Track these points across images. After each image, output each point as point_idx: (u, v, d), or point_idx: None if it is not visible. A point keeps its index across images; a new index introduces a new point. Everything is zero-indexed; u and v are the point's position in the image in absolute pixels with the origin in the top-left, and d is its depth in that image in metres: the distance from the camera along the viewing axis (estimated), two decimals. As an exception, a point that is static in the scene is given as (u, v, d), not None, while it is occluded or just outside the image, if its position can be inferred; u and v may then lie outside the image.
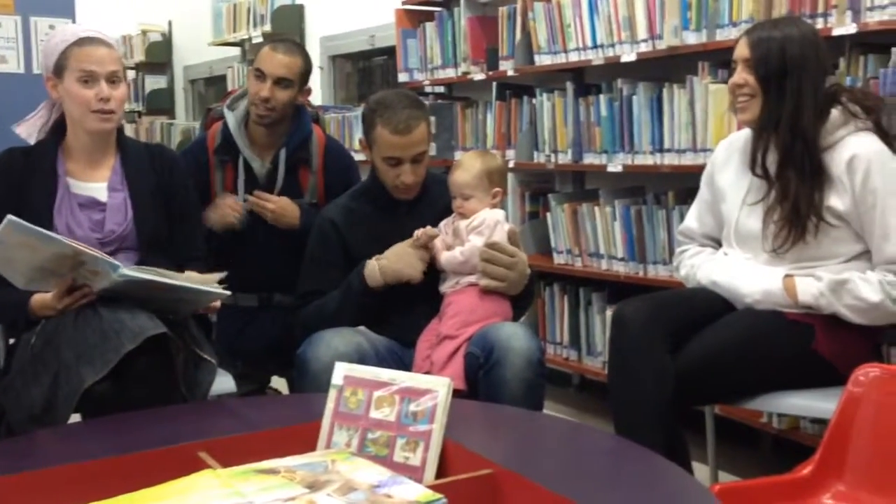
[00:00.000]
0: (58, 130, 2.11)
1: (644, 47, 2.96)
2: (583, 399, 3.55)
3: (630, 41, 3.01)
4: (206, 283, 1.89)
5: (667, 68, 2.99)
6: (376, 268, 2.14)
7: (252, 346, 2.52)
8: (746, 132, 2.09)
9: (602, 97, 3.13)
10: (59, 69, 2.02)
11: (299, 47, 2.55)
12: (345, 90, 5.61)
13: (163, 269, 1.83)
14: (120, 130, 2.16)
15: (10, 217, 1.70)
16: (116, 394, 1.72)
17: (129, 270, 1.78)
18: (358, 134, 4.57)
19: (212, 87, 7.13)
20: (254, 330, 2.53)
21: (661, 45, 2.88)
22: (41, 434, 1.67)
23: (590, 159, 3.21)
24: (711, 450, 2.29)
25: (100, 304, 1.79)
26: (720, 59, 2.72)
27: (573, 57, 3.25)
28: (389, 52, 4.96)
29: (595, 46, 3.15)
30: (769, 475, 1.64)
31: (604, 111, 3.13)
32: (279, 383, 2.82)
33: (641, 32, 2.97)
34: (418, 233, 2.18)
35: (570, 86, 3.26)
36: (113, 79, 2.02)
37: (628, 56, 3.00)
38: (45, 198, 2.02)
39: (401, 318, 2.20)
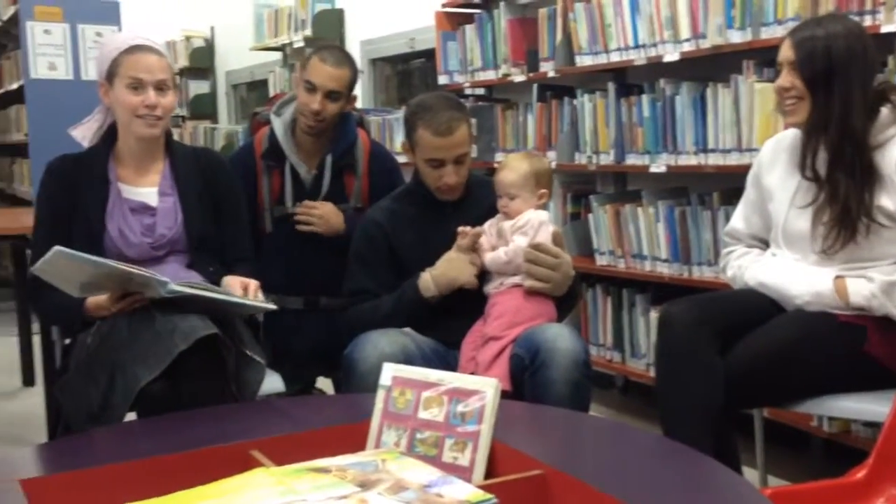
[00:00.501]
0: (109, 136, 2.15)
1: (687, 46, 2.94)
2: (626, 401, 3.53)
3: (673, 40, 2.99)
4: (248, 292, 1.93)
5: (710, 67, 2.96)
6: (430, 280, 2.16)
7: (298, 347, 2.54)
8: (793, 131, 2.06)
9: (644, 97, 3.11)
10: (110, 76, 2.07)
11: (347, 57, 2.54)
12: (385, 93, 5.64)
13: (209, 285, 1.87)
14: (169, 135, 2.20)
15: (56, 248, 1.74)
16: (170, 393, 1.75)
17: (177, 286, 1.82)
18: (398, 136, 4.61)
19: (253, 91, 7.21)
20: (300, 332, 2.55)
21: (705, 44, 2.86)
22: (98, 432, 1.70)
23: (632, 160, 3.19)
24: (760, 453, 2.26)
25: (153, 305, 1.83)
26: (765, 57, 2.69)
27: (615, 57, 3.23)
28: (428, 54, 4.98)
29: (637, 46, 3.14)
30: (819, 479, 1.62)
31: (646, 111, 3.11)
32: (324, 384, 2.85)
33: (684, 32, 2.94)
34: (463, 230, 2.18)
35: (611, 86, 3.25)
36: (161, 87, 2.05)
37: (671, 56, 2.98)
38: (98, 203, 2.06)
39: (445, 320, 2.21)
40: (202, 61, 7.47)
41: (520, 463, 1.32)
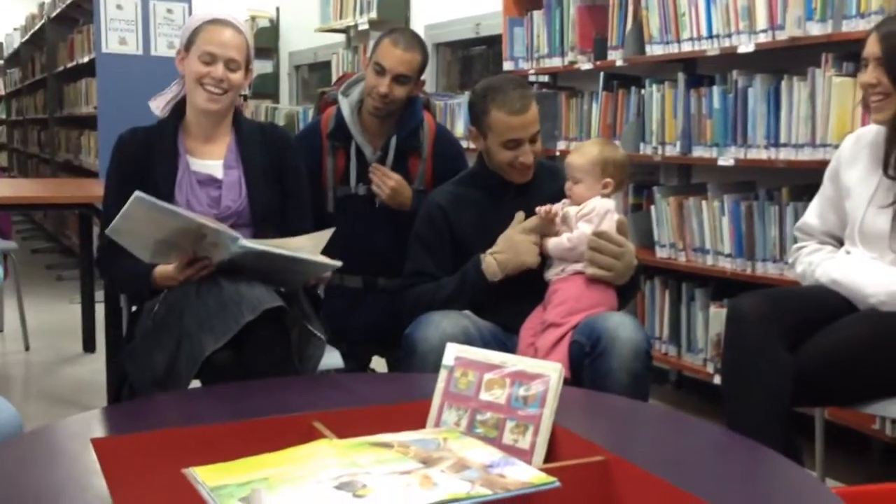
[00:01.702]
0: (178, 109, 2.18)
1: (763, 38, 2.87)
2: (680, 396, 3.49)
3: (748, 31, 2.92)
4: (318, 245, 1.93)
5: (786, 60, 2.89)
6: (494, 263, 2.15)
7: (356, 326, 2.56)
8: (875, 127, 2.00)
9: (715, 89, 3.05)
10: (188, 45, 2.10)
11: (419, 41, 2.53)
12: (446, 78, 5.64)
13: (277, 240, 1.88)
14: (237, 111, 2.22)
15: (137, 193, 1.77)
16: (234, 362, 1.78)
17: (248, 242, 1.83)
18: (460, 122, 4.60)
19: (316, 72, 7.26)
20: (359, 311, 2.57)
21: (782, 35, 2.78)
22: (164, 397, 1.74)
23: (699, 152, 3.13)
24: (820, 454, 2.21)
25: (220, 275, 1.85)
26: (845, 51, 2.62)
27: (686, 47, 3.17)
28: (492, 40, 4.95)
29: (710, 36, 3.07)
30: (878, 482, 1.58)
31: (716, 103, 3.05)
32: (378, 364, 2.87)
33: (761, 22, 2.87)
34: (542, 210, 2.16)
35: (681, 76, 3.19)
36: (231, 66, 2.07)
37: (746, 47, 2.91)
38: (168, 175, 2.09)
39: (505, 304, 2.20)
40: (266, 41, 7.55)
41: (581, 449, 1.31)
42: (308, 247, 1.92)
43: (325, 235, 1.96)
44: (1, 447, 1.47)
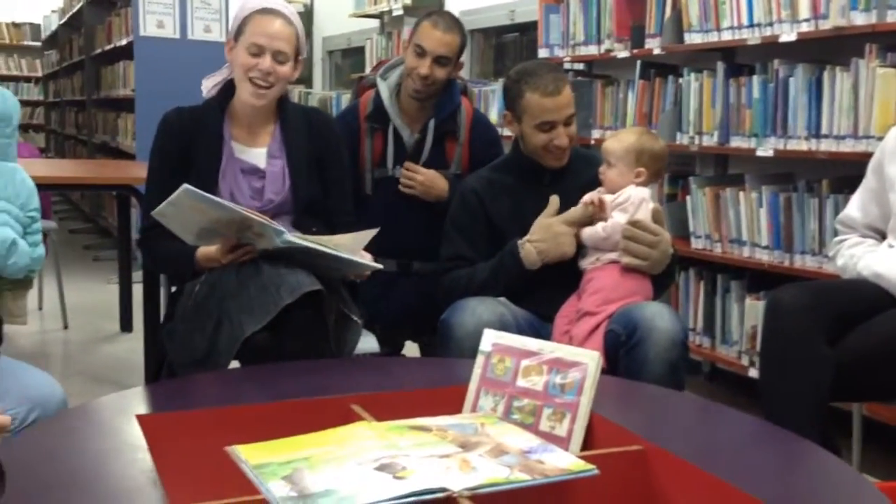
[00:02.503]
0: (225, 92, 2.15)
1: (806, 27, 2.83)
2: (713, 388, 3.47)
3: (790, 20, 2.88)
4: (359, 244, 1.94)
5: (829, 50, 2.85)
6: (534, 252, 2.15)
7: (390, 310, 2.57)
8: (921, 118, 1.97)
9: (755, 78, 3.02)
10: (237, 34, 2.08)
11: (458, 23, 2.54)
12: (480, 65, 5.62)
13: (321, 237, 1.89)
14: (283, 96, 2.17)
15: (185, 186, 1.77)
16: (272, 344, 1.80)
17: (292, 237, 1.84)
18: (494, 108, 4.59)
19: (349, 58, 7.28)
20: (393, 295, 2.58)
21: (826, 24, 2.74)
22: (205, 376, 1.76)
23: (737, 142, 3.10)
24: (857, 450, 2.20)
25: (261, 258, 1.87)
26: (890, 41, 2.57)
27: (726, 36, 3.14)
28: (525, 27, 4.93)
29: (751, 25, 3.04)
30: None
31: (756, 93, 3.01)
32: (411, 348, 2.88)
33: (804, 11, 2.83)
34: (588, 197, 2.15)
35: (720, 66, 3.16)
36: (279, 58, 2.04)
37: (788, 36, 2.87)
38: (212, 162, 2.07)
39: (539, 292, 2.20)
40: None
41: (618, 437, 1.31)
42: (349, 245, 1.93)
43: (367, 235, 1.96)
44: (47, 422, 1.51)
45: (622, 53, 3.67)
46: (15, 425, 1.66)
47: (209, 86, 2.17)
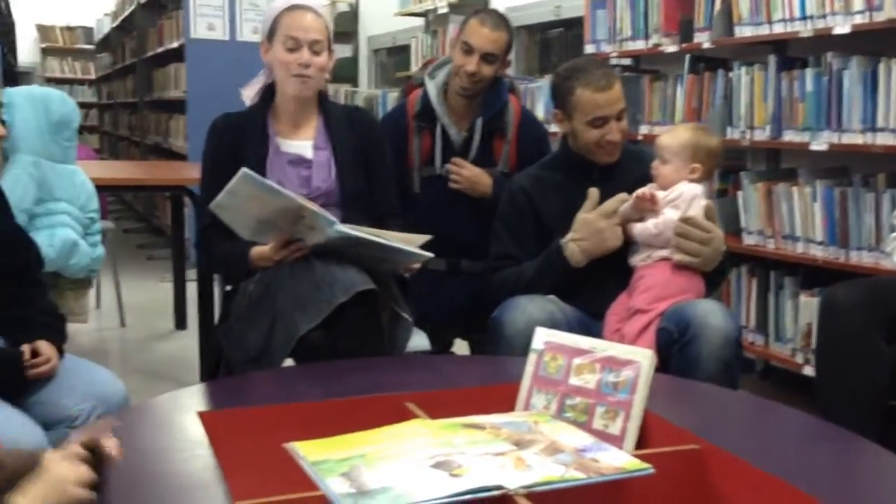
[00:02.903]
0: (267, 94, 2.23)
1: (860, 19, 2.77)
2: (766, 386, 3.42)
3: (844, 12, 2.83)
4: (411, 244, 1.96)
5: (885, 42, 2.79)
6: (577, 250, 2.14)
7: (440, 308, 2.59)
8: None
9: (808, 71, 2.97)
10: (270, 35, 2.14)
11: (505, 20, 2.55)
12: (525, 61, 5.61)
13: (373, 229, 1.91)
14: (324, 95, 2.26)
15: (244, 170, 1.82)
16: (326, 342, 1.82)
17: (344, 227, 1.87)
18: (539, 105, 4.58)
19: (394, 56, 7.31)
20: (442, 293, 2.60)
21: (880, 16, 2.69)
22: (261, 374, 1.80)
23: (790, 137, 3.05)
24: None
25: (314, 257, 1.90)
26: (949, 32, 2.51)
27: (778, 28, 3.09)
28: (570, 23, 4.90)
29: (803, 17, 2.98)
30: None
31: (809, 86, 2.96)
32: (460, 346, 2.89)
33: (857, 3, 2.78)
34: (641, 193, 2.14)
35: (772, 59, 3.11)
36: (315, 48, 2.10)
37: (842, 28, 2.82)
38: (258, 157, 2.14)
39: (590, 289, 2.19)
40: (346, 26, 7.62)
41: (673, 436, 1.31)
42: (400, 239, 1.95)
43: (419, 239, 1.99)
44: (113, 418, 1.55)
45: (670, 48, 3.63)
46: (79, 422, 1.72)
47: (250, 94, 2.24)
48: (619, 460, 1.17)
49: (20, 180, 2.58)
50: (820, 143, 2.91)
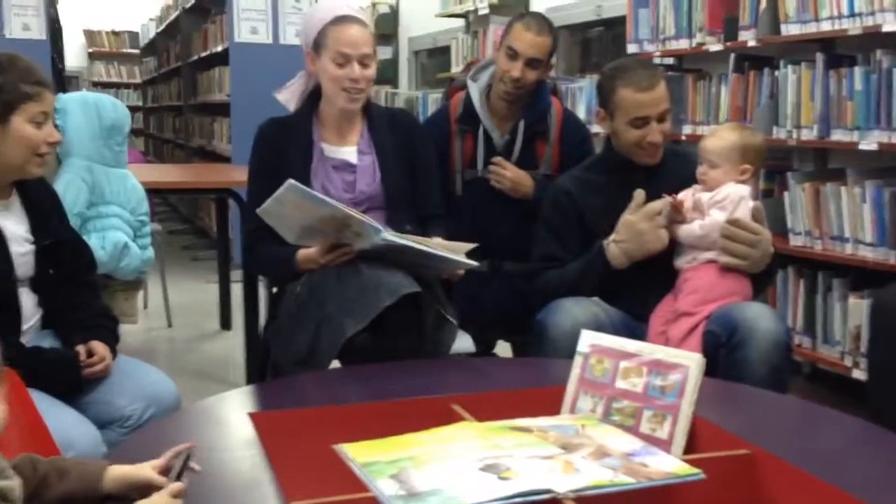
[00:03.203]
0: (312, 99, 2.24)
1: (911, 15, 2.72)
2: (813, 389, 3.37)
3: (893, 9, 2.77)
4: (457, 252, 1.97)
5: (937, 38, 2.74)
6: (619, 252, 2.14)
7: (483, 310, 2.58)
8: None
9: (857, 69, 2.92)
10: (317, 46, 2.13)
11: (549, 24, 2.53)
12: (566, 61, 5.58)
13: (418, 237, 1.92)
14: (368, 98, 2.25)
15: (290, 181, 1.84)
16: (372, 344, 1.84)
17: (390, 235, 1.88)
18: (581, 105, 4.56)
19: (434, 57, 7.32)
20: (485, 295, 2.60)
21: (932, 12, 2.64)
22: (309, 376, 1.82)
23: (838, 136, 3.00)
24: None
25: (360, 260, 1.91)
26: None
27: (825, 26, 3.04)
28: (611, 23, 4.88)
29: (852, 15, 2.93)
30: None
31: (858, 84, 2.91)
32: (502, 347, 2.89)
33: (908, -1, 2.73)
34: (669, 199, 2.13)
35: (819, 57, 3.06)
36: (364, 61, 2.10)
37: (891, 25, 2.77)
38: (303, 162, 2.16)
39: (634, 292, 2.18)
40: (386, 28, 7.66)
41: (723, 441, 1.30)
42: (446, 246, 1.96)
43: (464, 247, 2.00)
44: (166, 419, 1.59)
45: (714, 46, 3.60)
46: (132, 422, 1.76)
47: (286, 97, 2.24)
48: (669, 465, 1.16)
49: (73, 184, 2.64)
50: (869, 143, 2.86)
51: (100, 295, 2.03)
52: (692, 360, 1.40)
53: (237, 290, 3.73)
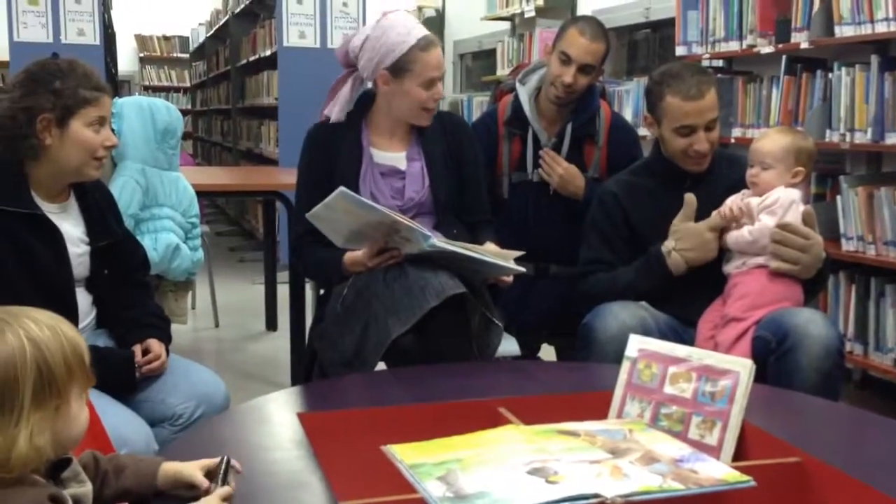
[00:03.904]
0: (363, 104, 2.24)
1: (969, 16, 2.66)
2: (864, 397, 3.31)
3: (952, 10, 2.72)
4: (504, 258, 1.97)
5: None
6: (682, 260, 2.12)
7: (528, 313, 2.58)
8: None
9: (913, 72, 2.86)
10: (398, 69, 2.10)
11: (603, 30, 2.50)
12: (612, 63, 5.55)
13: (467, 243, 1.93)
14: None
15: (341, 188, 1.86)
16: (419, 346, 1.85)
17: (439, 242, 1.89)
18: (628, 108, 4.53)
19: (480, 60, 7.33)
20: (530, 298, 2.59)
21: None
22: (356, 378, 1.83)
23: (893, 139, 2.94)
24: None
25: (406, 262, 1.92)
26: None
27: (881, 28, 2.98)
28: (658, 25, 4.83)
29: (908, 16, 2.88)
30: None
31: (914, 87, 2.85)
32: (547, 351, 2.89)
33: (967, -1, 2.66)
34: (723, 212, 2.11)
35: (874, 59, 3.00)
36: (442, 79, 2.15)
37: (950, 26, 2.71)
38: (352, 167, 2.17)
39: (681, 296, 2.16)
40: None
41: (773, 448, 1.28)
42: (494, 252, 1.97)
43: (512, 253, 2.01)
44: (217, 418, 1.61)
45: (766, 49, 3.55)
46: (182, 420, 1.79)
47: (334, 111, 2.21)
48: (719, 472, 1.15)
49: (128, 186, 2.70)
50: (925, 146, 2.81)
51: (153, 295, 2.07)
52: (743, 366, 1.39)
53: (283, 292, 3.77)
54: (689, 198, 2.15)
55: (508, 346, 2.18)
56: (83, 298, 1.88)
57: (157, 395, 1.82)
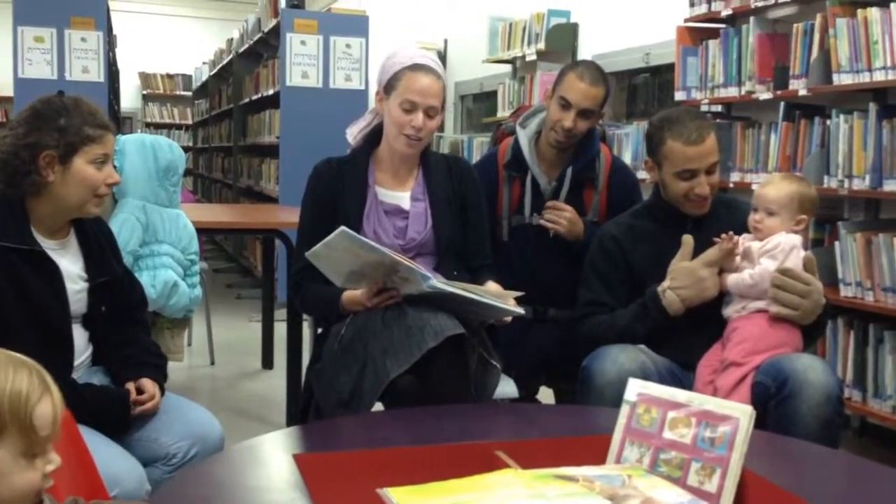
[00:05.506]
0: (371, 139, 2.25)
1: (966, 66, 2.69)
2: (862, 444, 3.28)
3: (949, 59, 2.75)
4: (504, 299, 1.97)
5: None
6: (678, 299, 2.12)
7: (526, 356, 2.57)
8: None
9: (911, 120, 2.88)
10: (388, 87, 2.14)
11: (603, 75, 2.52)
12: (612, 107, 5.60)
13: (467, 284, 1.93)
14: (426, 145, 2.24)
15: (342, 228, 1.86)
16: (417, 387, 1.84)
17: (438, 283, 1.88)
18: (627, 151, 4.56)
19: (481, 102, 7.40)
20: (529, 341, 2.58)
21: None
22: (353, 419, 1.82)
23: (891, 186, 2.96)
24: None
25: (405, 302, 1.92)
26: None
27: (879, 76, 3.01)
28: (659, 70, 4.89)
29: (905, 65, 2.91)
30: None
31: (911, 135, 2.88)
32: (545, 394, 2.87)
33: (964, 49, 2.70)
34: (725, 237, 2.11)
35: (872, 107, 3.03)
36: (430, 112, 2.11)
37: (946, 75, 2.74)
38: (357, 205, 2.17)
39: (680, 339, 2.16)
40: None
41: (772, 496, 1.27)
42: (493, 293, 1.97)
43: (511, 294, 2.01)
44: (211, 458, 1.60)
45: (764, 95, 3.58)
46: (176, 460, 1.77)
47: (354, 132, 2.25)
48: (718, 520, 1.14)
49: (128, 223, 2.71)
50: (923, 194, 2.82)
51: (149, 332, 2.06)
52: (743, 413, 1.38)
53: (280, 330, 3.75)
54: (686, 238, 2.16)
55: (506, 388, 2.16)
56: (80, 335, 1.87)
57: (150, 434, 1.80)
